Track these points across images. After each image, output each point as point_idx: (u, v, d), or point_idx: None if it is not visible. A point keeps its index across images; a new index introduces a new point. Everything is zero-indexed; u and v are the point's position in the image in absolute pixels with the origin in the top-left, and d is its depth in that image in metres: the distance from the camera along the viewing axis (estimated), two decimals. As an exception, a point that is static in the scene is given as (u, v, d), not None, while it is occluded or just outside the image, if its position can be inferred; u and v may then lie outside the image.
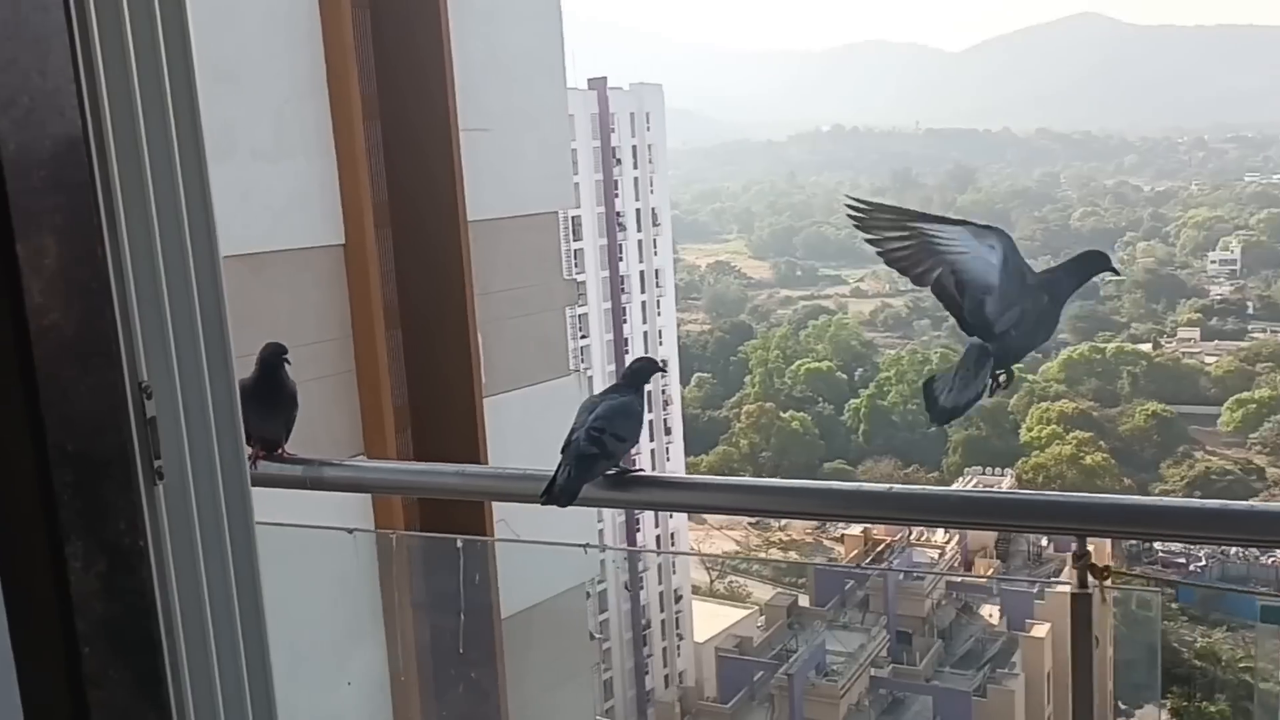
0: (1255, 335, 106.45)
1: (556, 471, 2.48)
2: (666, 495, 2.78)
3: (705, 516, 65.35)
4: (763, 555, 59.13)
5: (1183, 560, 70.08)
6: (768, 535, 65.77)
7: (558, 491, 2.45)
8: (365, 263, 7.60)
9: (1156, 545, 67.37)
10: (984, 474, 61.40)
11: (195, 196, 1.48)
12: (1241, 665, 58.70)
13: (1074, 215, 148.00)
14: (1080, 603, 2.64)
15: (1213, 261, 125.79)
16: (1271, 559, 62.57)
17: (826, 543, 61.08)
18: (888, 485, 2.69)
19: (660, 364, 2.83)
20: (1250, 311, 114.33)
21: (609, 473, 2.54)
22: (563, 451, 2.51)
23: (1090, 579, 2.63)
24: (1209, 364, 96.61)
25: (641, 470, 2.59)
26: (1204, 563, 69.93)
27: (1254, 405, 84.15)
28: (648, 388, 2.72)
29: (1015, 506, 2.79)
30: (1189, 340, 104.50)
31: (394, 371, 8.13)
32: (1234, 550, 68.34)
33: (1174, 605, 62.08)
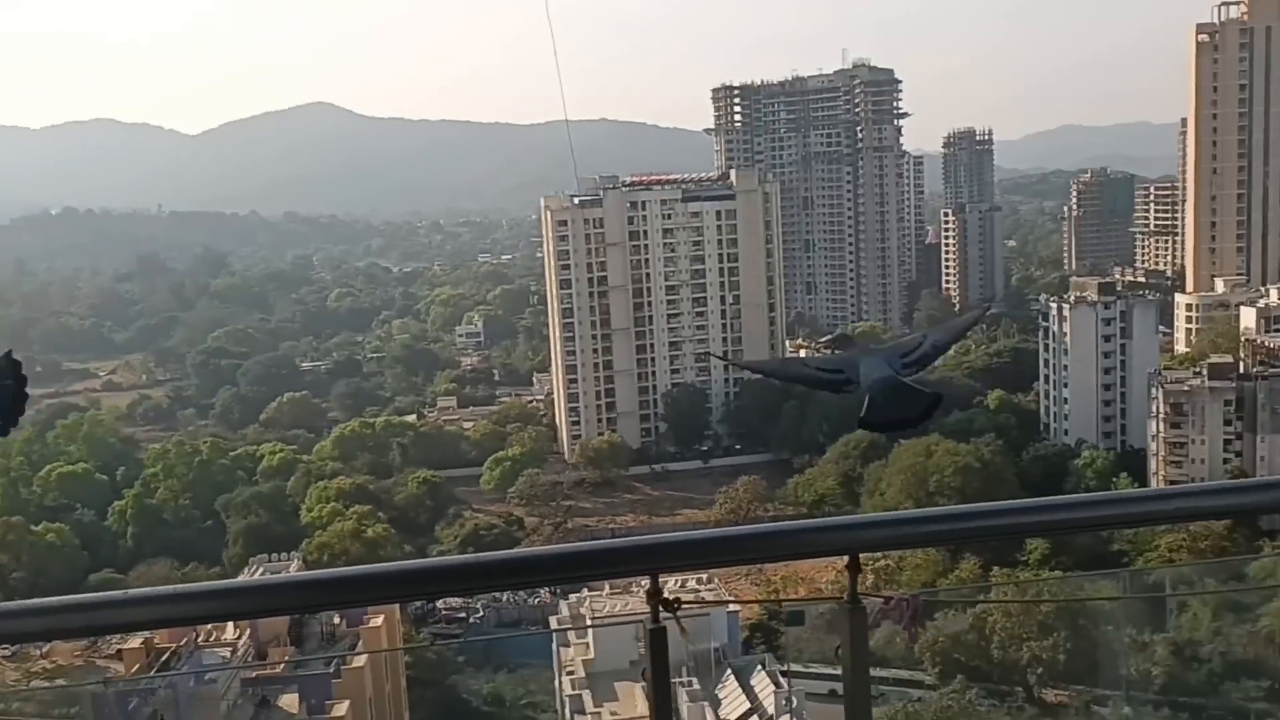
0: (502, 399, 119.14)
1: None
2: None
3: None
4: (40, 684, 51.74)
5: (463, 614, 74.73)
6: (28, 666, 58.98)
7: None
8: None
9: (439, 604, 70.95)
10: (270, 561, 59.67)
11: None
12: (524, 702, 63.67)
13: (331, 296, 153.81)
14: (656, 636, 2.93)
15: (460, 335, 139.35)
16: (539, 599, 69.08)
17: (101, 662, 56.09)
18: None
19: None
20: (497, 378, 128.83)
21: None
22: None
23: (663, 612, 2.94)
24: (467, 429, 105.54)
25: None
26: (481, 613, 75.21)
27: (509, 463, 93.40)
28: None
29: (589, 556, 2.94)
30: (448, 408, 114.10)
31: None
32: (505, 596, 74.30)
33: (460, 658, 65.73)
